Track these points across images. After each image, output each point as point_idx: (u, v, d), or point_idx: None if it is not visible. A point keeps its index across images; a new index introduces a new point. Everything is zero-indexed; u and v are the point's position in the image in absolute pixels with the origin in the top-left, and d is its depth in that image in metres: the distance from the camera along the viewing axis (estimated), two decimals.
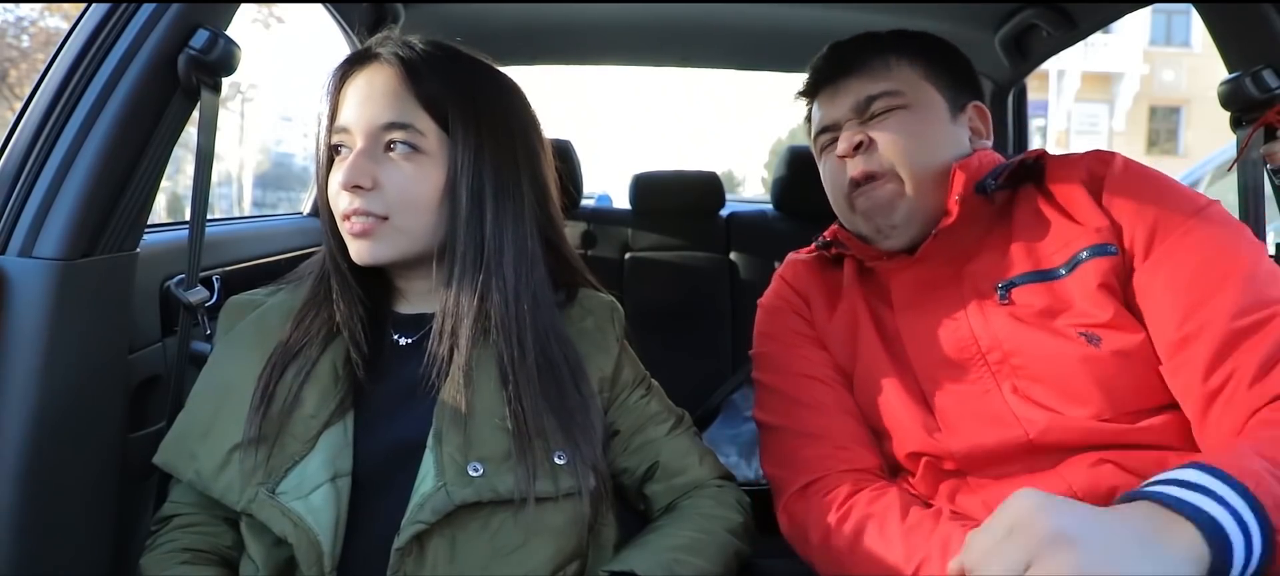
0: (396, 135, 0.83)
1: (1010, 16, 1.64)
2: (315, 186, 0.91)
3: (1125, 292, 0.85)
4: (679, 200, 2.28)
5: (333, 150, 0.87)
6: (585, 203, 2.38)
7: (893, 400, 0.93)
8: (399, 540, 0.76)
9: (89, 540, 0.91)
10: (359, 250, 0.85)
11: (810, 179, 2.17)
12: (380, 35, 0.89)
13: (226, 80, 0.97)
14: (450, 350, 0.84)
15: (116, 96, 0.86)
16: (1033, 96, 2.21)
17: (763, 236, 2.23)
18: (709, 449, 0.99)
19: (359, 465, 0.82)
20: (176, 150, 0.96)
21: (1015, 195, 0.96)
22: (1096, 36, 1.68)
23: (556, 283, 0.94)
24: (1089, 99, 20.27)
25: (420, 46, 0.87)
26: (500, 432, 0.82)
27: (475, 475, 0.79)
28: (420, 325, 0.89)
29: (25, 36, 11.13)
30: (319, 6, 1.56)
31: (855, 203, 0.97)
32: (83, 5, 0.90)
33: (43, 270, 0.83)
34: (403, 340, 0.90)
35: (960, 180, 0.89)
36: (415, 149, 0.84)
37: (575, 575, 0.85)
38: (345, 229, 0.85)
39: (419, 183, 0.84)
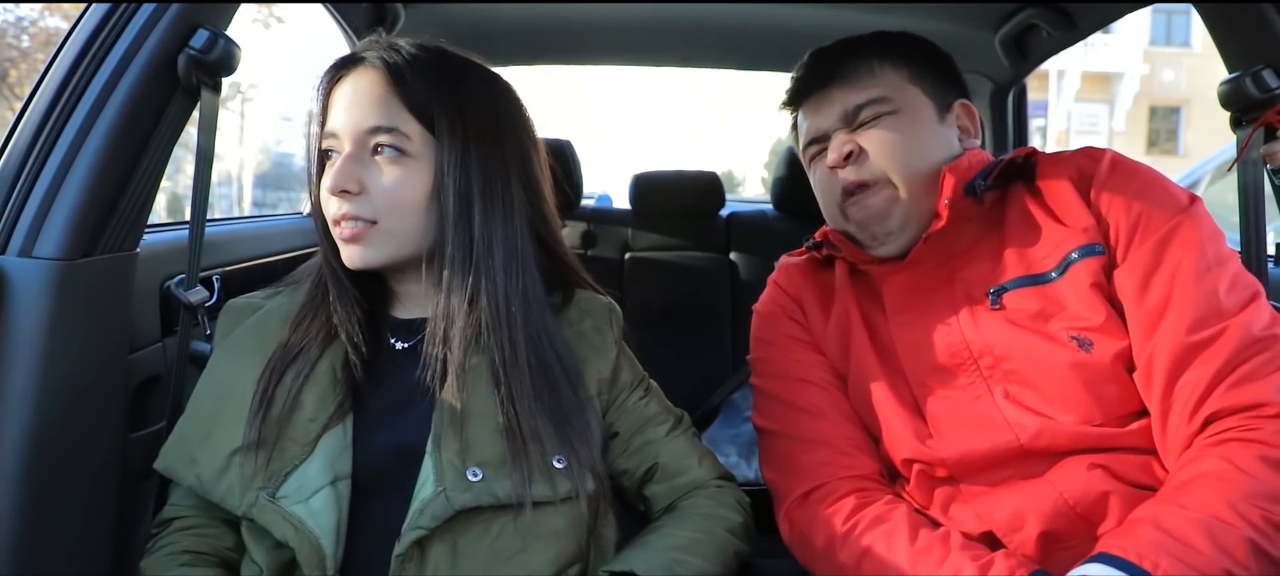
0: (382, 139, 0.83)
1: (1010, 16, 1.64)
2: (310, 191, 0.90)
3: (1111, 291, 0.86)
4: (679, 200, 2.28)
5: (324, 155, 0.87)
6: (585, 203, 2.37)
7: (885, 406, 0.93)
8: (399, 546, 0.76)
9: (89, 540, 0.91)
10: (349, 255, 0.85)
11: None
12: (368, 39, 0.89)
13: (226, 80, 0.97)
14: (444, 354, 0.83)
15: (116, 96, 0.86)
16: (1033, 96, 2.21)
17: (763, 236, 2.23)
18: (708, 449, 0.99)
19: (359, 468, 0.82)
20: (176, 150, 0.96)
21: (1006, 195, 0.95)
22: (1096, 36, 1.68)
23: (552, 284, 0.94)
24: (1089, 99, 20.26)
25: (407, 49, 0.86)
26: (497, 437, 0.82)
27: (474, 480, 0.79)
28: (416, 330, 0.89)
29: (25, 36, 11.13)
30: (319, 6, 1.56)
31: (848, 211, 0.96)
32: (83, 5, 0.90)
33: (43, 270, 0.83)
34: (399, 344, 0.90)
35: (950, 183, 0.89)
36: (401, 152, 0.83)
37: None
38: (336, 236, 0.86)
39: (405, 186, 0.84)
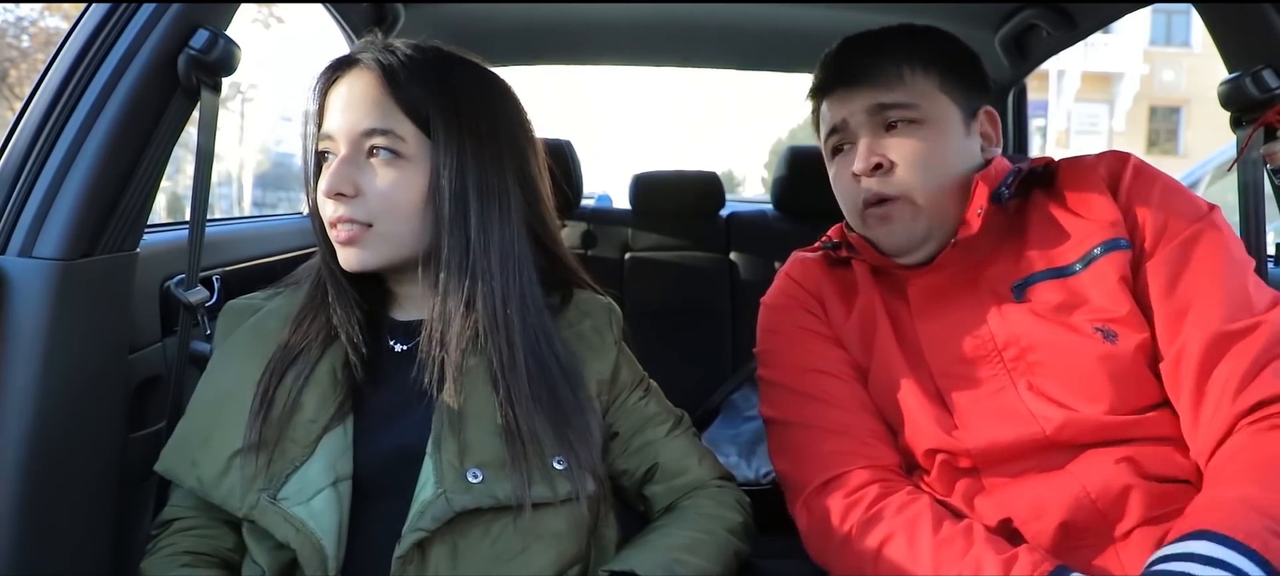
0: (377, 141, 0.83)
1: (1010, 16, 1.64)
2: (307, 192, 0.90)
3: (1136, 286, 0.88)
4: (679, 200, 2.28)
5: (320, 156, 0.87)
6: (585, 203, 2.37)
7: (909, 398, 0.92)
8: (400, 548, 0.76)
9: (89, 540, 0.91)
10: (346, 257, 0.85)
11: (810, 179, 2.18)
12: (364, 39, 0.89)
13: (226, 80, 0.97)
14: (441, 356, 0.83)
15: (116, 96, 0.86)
16: (1033, 96, 2.21)
17: (763, 236, 2.23)
18: (708, 449, 0.99)
19: (359, 469, 0.82)
20: (176, 150, 0.96)
21: (1027, 200, 0.96)
22: (1096, 36, 1.68)
23: (550, 285, 0.94)
24: (1089, 99, 20.26)
25: (402, 50, 0.86)
26: (496, 438, 0.82)
27: (474, 481, 0.79)
28: (415, 331, 0.89)
29: (25, 36, 11.14)
30: (319, 6, 1.56)
31: (869, 221, 0.96)
32: (83, 5, 0.90)
33: (43, 270, 0.83)
34: (398, 346, 0.90)
35: (983, 192, 0.90)
36: (396, 154, 0.83)
37: None
38: (332, 236, 0.86)
39: (401, 188, 0.83)
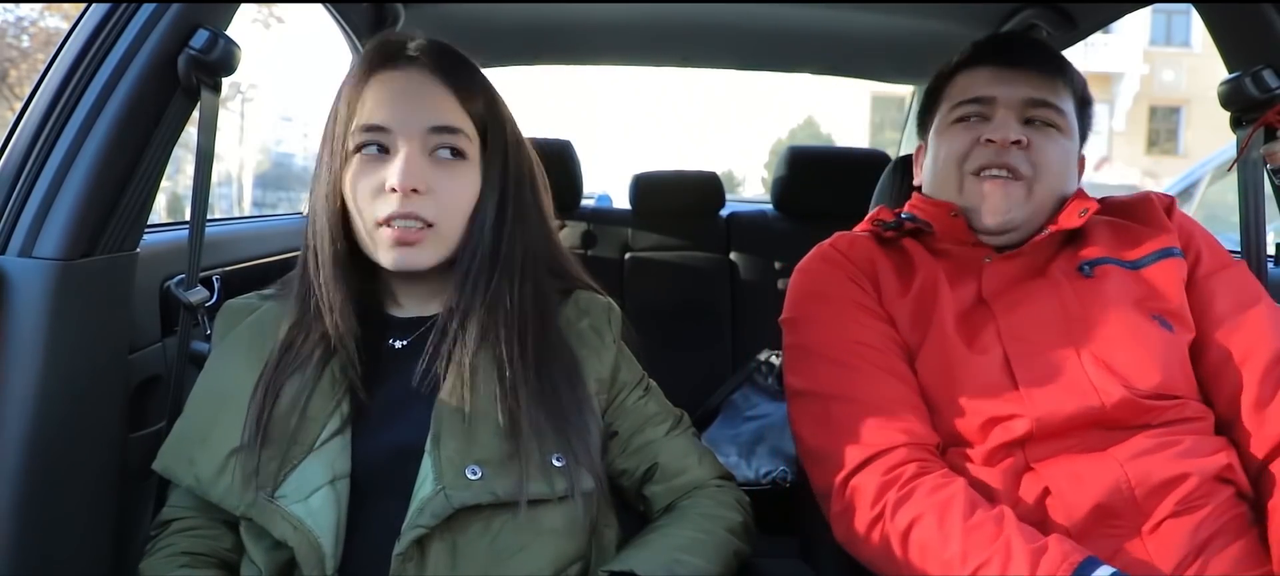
0: (445, 140, 0.83)
1: (1010, 16, 1.64)
2: (317, 185, 0.86)
3: (1187, 291, 0.96)
4: (679, 200, 2.28)
5: (358, 150, 0.83)
6: (585, 203, 2.37)
7: (971, 368, 0.93)
8: (400, 545, 0.76)
9: (89, 539, 0.91)
10: (398, 257, 0.82)
11: (810, 179, 2.20)
12: (399, 34, 0.88)
13: (226, 80, 0.97)
14: (451, 351, 0.83)
15: (116, 96, 0.86)
16: None
17: (763, 236, 2.23)
18: (708, 449, 0.99)
19: (357, 468, 0.82)
20: (176, 150, 0.96)
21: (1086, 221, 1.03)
22: (1096, 36, 1.67)
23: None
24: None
25: (449, 48, 0.87)
26: (496, 435, 0.81)
27: (474, 478, 0.79)
28: (415, 327, 0.89)
29: (25, 36, 11.13)
30: (319, 6, 1.56)
31: (982, 182, 0.99)
32: (83, 5, 0.90)
33: (43, 270, 0.84)
34: (398, 343, 0.90)
35: (1085, 197, 1.00)
36: (459, 154, 0.84)
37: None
38: (380, 236, 0.82)
39: (465, 189, 0.84)
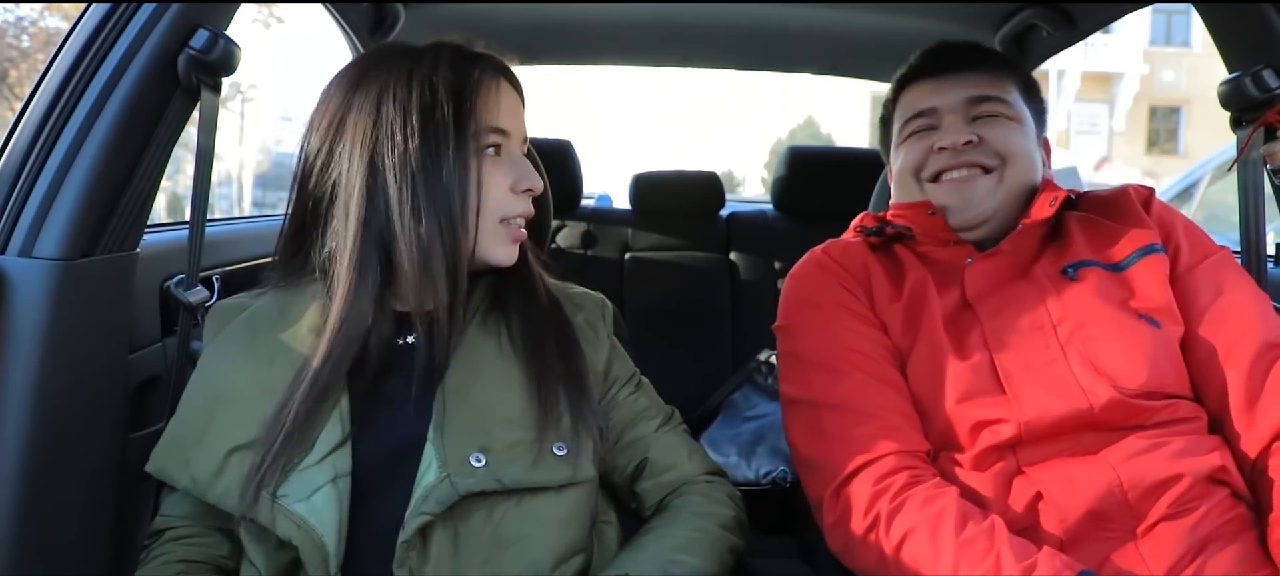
0: (524, 149, 0.92)
1: (1010, 16, 1.64)
2: (443, 180, 0.82)
3: (1172, 287, 0.95)
4: (679, 200, 2.28)
5: (474, 150, 0.84)
6: (585, 203, 2.37)
7: (960, 372, 0.92)
8: (404, 532, 0.77)
9: (89, 540, 0.92)
10: (513, 253, 0.90)
11: (810, 179, 2.20)
12: (477, 44, 0.89)
13: (226, 80, 0.97)
14: (455, 342, 0.85)
15: (116, 96, 0.86)
16: None
17: (763, 236, 2.23)
18: (699, 446, 0.99)
19: (358, 464, 0.82)
20: (176, 150, 0.96)
21: (1063, 218, 1.03)
22: (1096, 36, 1.68)
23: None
24: (1089, 99, 20.24)
25: None
26: (501, 423, 0.83)
27: (478, 465, 0.80)
28: (421, 321, 0.88)
29: (25, 36, 11.13)
30: (319, 6, 1.56)
31: (945, 184, 1.00)
32: (83, 5, 0.90)
33: (43, 270, 0.84)
34: (404, 341, 0.89)
35: (1054, 188, 1.00)
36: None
37: (579, 570, 0.85)
38: (505, 233, 0.88)
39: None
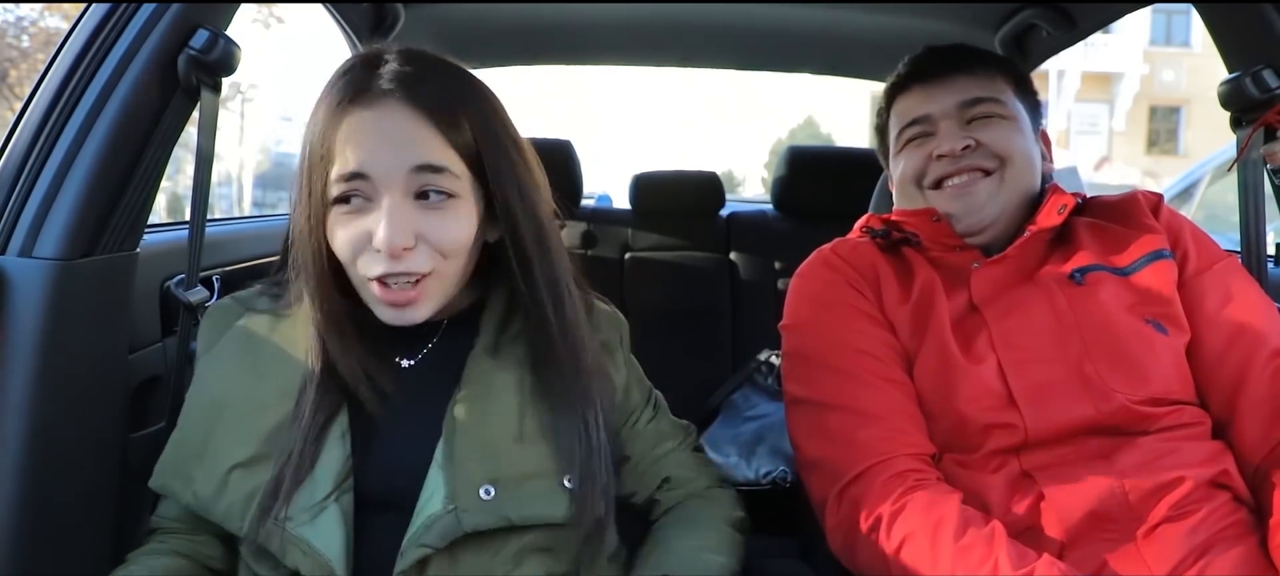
0: (431, 180, 0.75)
1: (1010, 16, 1.64)
2: (300, 229, 0.79)
3: (1179, 292, 0.95)
4: (679, 200, 2.28)
5: (339, 201, 0.77)
6: (585, 203, 2.37)
7: (969, 375, 0.92)
8: (402, 562, 0.74)
9: (89, 540, 0.91)
10: (395, 316, 0.78)
11: (810, 179, 2.20)
12: (372, 53, 0.79)
13: (226, 80, 0.97)
14: (464, 365, 0.81)
15: (116, 96, 0.86)
16: None
17: (763, 236, 2.23)
18: (708, 460, 0.98)
19: (362, 487, 0.80)
20: (176, 150, 0.96)
21: (1070, 223, 1.02)
22: (1096, 36, 1.68)
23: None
24: (1089, 99, 20.23)
25: (425, 73, 0.78)
26: (512, 454, 0.78)
27: (487, 498, 0.76)
28: (420, 339, 0.86)
29: (25, 36, 11.14)
30: (319, 6, 1.56)
31: (946, 191, 0.99)
32: (83, 5, 0.90)
33: (43, 270, 0.84)
34: (405, 362, 0.86)
35: (1063, 193, 0.98)
36: (449, 194, 0.76)
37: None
38: (373, 292, 0.78)
39: (459, 230, 0.77)
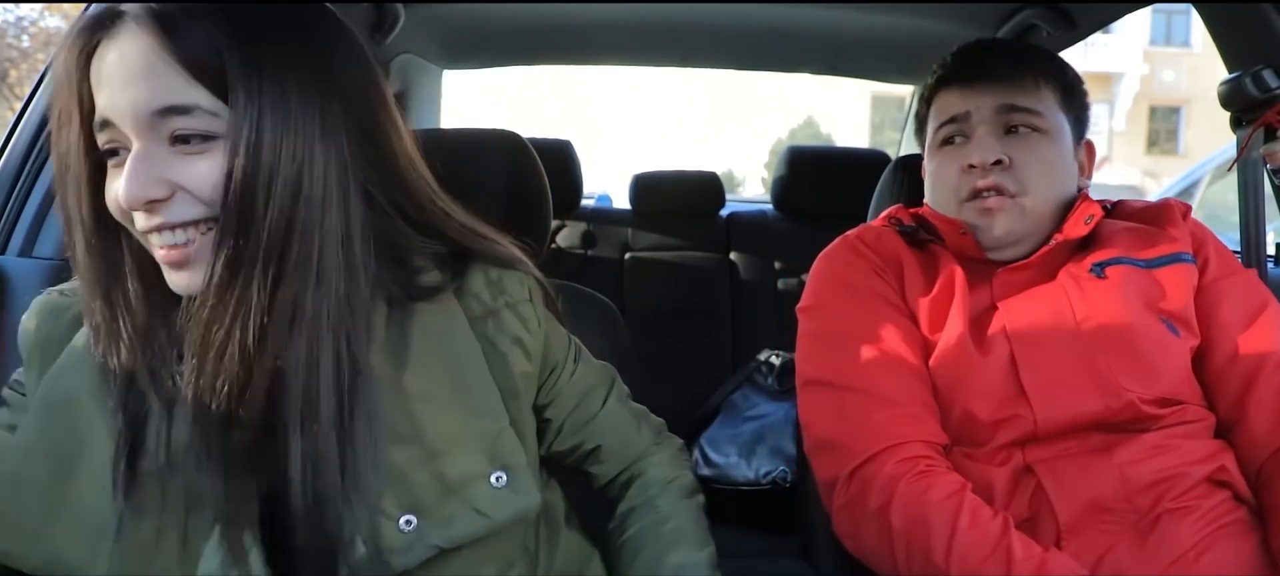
0: (178, 125, 0.59)
1: (1010, 16, 1.64)
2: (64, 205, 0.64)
3: (1197, 301, 0.96)
4: (679, 200, 2.28)
5: (108, 154, 0.62)
6: (585, 203, 2.37)
7: (982, 367, 0.92)
8: None
9: None
10: (180, 282, 0.62)
11: (810, 179, 2.20)
12: None
13: None
14: (318, 365, 0.63)
15: None
16: None
17: (763, 236, 2.23)
18: (640, 409, 0.90)
19: (266, 525, 0.65)
20: None
21: (1099, 224, 1.01)
22: (1096, 36, 1.68)
23: (440, 262, 0.74)
24: (1089, 99, 20.23)
25: None
26: (426, 466, 0.67)
27: (408, 530, 0.65)
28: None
29: (25, 37, 11.16)
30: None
31: (972, 210, 0.98)
32: (82, 5, 0.90)
33: (43, 270, 0.84)
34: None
35: (1092, 203, 0.98)
36: (207, 136, 0.60)
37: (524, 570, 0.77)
38: (158, 257, 0.62)
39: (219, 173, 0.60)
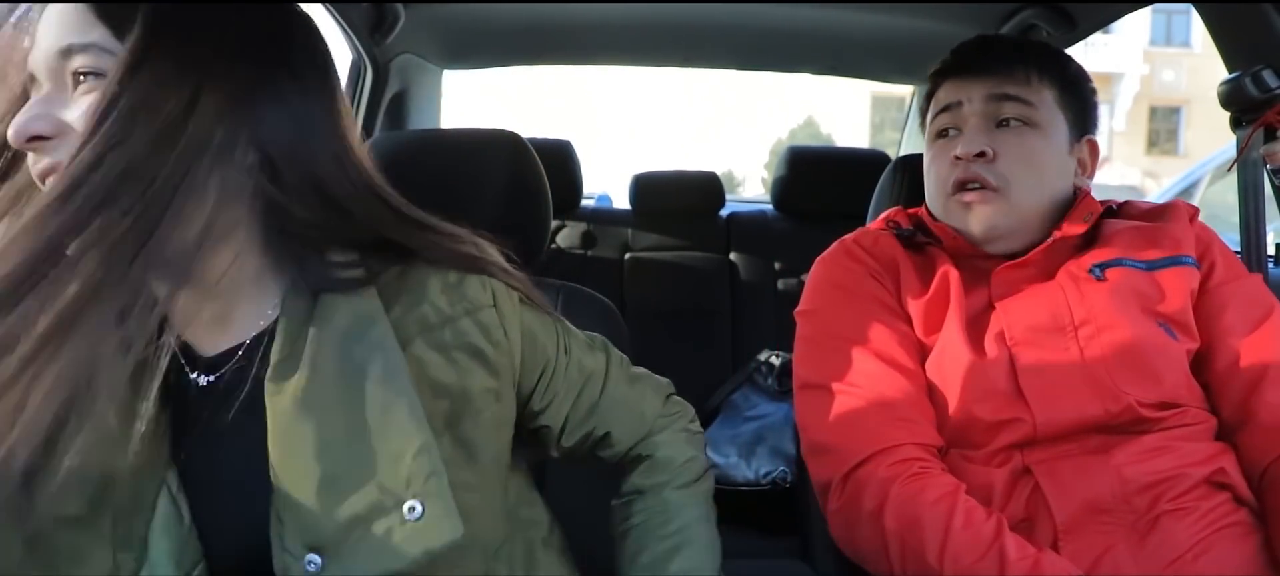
0: (77, 61, 0.58)
1: (1010, 16, 1.64)
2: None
3: (1197, 304, 0.95)
4: (679, 200, 2.28)
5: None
6: (585, 203, 2.37)
7: (979, 371, 0.92)
8: None
9: None
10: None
11: (810, 179, 2.20)
12: None
13: None
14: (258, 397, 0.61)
15: None
16: None
17: (763, 236, 2.24)
18: (644, 373, 0.88)
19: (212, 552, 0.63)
20: None
21: (1100, 224, 1.01)
22: (1096, 36, 1.68)
23: (317, 247, 0.66)
24: (1096, 96, 20.21)
25: None
26: (336, 495, 0.60)
27: (313, 571, 0.59)
28: (225, 357, 0.65)
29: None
30: (319, 6, 1.56)
31: (954, 204, 0.99)
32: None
33: None
34: (204, 379, 0.65)
35: (1092, 201, 0.98)
36: (97, 73, 0.58)
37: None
38: None
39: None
